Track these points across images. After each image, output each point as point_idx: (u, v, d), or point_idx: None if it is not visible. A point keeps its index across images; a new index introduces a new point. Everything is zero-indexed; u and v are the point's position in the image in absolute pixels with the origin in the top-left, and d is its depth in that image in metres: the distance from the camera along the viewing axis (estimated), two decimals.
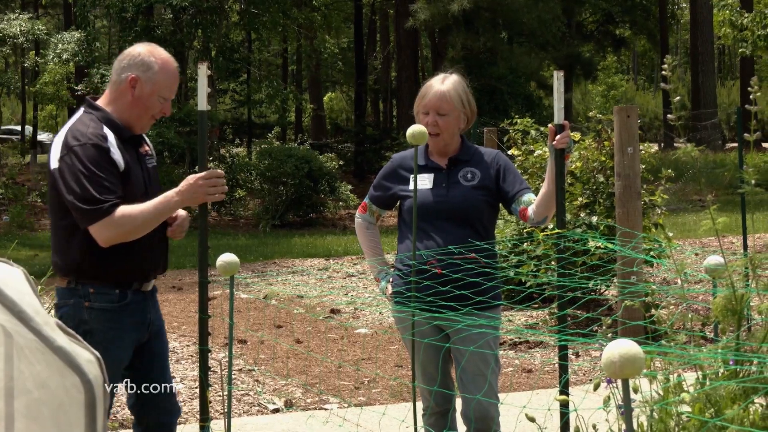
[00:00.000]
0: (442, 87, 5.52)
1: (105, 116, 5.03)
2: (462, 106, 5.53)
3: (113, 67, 5.16)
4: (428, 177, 5.53)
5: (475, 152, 5.63)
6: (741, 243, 12.94)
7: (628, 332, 7.66)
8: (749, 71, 46.38)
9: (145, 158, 5.20)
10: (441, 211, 5.43)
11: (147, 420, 5.26)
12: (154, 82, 5.03)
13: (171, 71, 5.11)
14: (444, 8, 29.57)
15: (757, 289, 3.43)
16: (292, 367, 9.65)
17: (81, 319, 4.92)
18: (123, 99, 5.05)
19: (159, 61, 5.06)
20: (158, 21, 31.84)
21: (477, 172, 5.53)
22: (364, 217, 5.86)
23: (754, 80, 3.72)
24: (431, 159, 5.59)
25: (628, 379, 2.69)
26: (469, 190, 5.47)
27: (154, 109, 5.08)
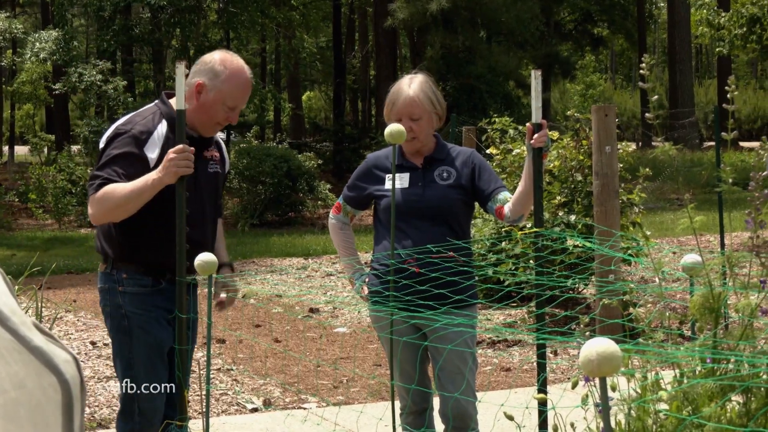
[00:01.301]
0: (411, 92, 5.49)
1: (169, 112, 5.13)
2: (433, 107, 5.53)
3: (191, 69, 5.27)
4: (404, 176, 5.52)
5: (450, 151, 5.64)
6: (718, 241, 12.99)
7: (606, 330, 7.68)
8: (726, 70, 46.58)
9: (208, 162, 5.28)
10: (417, 210, 5.43)
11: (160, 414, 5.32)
12: (219, 90, 5.08)
13: (239, 81, 5.14)
14: (422, 7, 29.58)
15: (734, 287, 3.44)
16: (271, 366, 9.64)
17: (116, 303, 5.10)
18: (190, 102, 5.11)
19: (228, 70, 5.11)
20: (136, 20, 31.79)
21: (452, 171, 5.53)
22: (338, 217, 5.86)
23: (731, 79, 3.73)
24: (406, 159, 5.58)
25: (606, 378, 2.69)
26: (445, 189, 5.48)
27: (218, 116, 5.15)
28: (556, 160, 11.30)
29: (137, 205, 4.91)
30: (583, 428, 3.69)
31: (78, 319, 12.15)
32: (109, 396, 8.55)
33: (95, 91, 27.43)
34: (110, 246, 5.16)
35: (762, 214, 3.44)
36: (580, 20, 51.52)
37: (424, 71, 5.72)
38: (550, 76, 42.64)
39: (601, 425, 2.84)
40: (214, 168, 5.34)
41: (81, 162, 27.34)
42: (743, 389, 3.15)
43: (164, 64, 33.53)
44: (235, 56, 5.24)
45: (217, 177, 5.37)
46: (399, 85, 5.59)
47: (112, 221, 5.04)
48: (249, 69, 5.25)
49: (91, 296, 14.02)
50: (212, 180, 5.32)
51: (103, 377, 9.19)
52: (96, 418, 7.94)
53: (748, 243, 3.49)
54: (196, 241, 5.13)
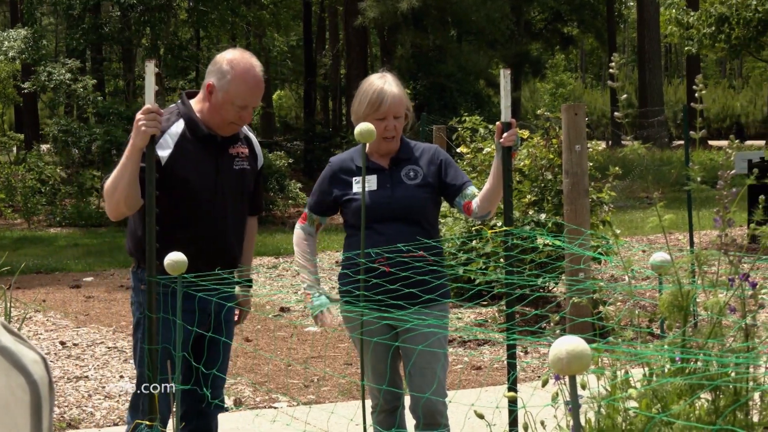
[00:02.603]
0: (394, 90, 5.45)
1: (187, 112, 5.19)
2: (407, 105, 5.54)
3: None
4: (371, 178, 5.49)
5: (414, 149, 5.61)
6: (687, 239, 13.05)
7: (576, 329, 7.70)
8: (695, 69, 46.83)
9: (233, 159, 5.28)
10: (388, 212, 5.41)
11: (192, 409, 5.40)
12: (226, 91, 5.10)
13: (247, 80, 5.13)
14: (393, 6, 29.58)
15: (703, 285, 3.45)
16: (241, 365, 9.62)
17: (139, 301, 5.20)
18: (204, 104, 5.19)
19: (234, 70, 5.12)
20: (106, 18, 31.66)
21: (419, 170, 5.52)
22: (303, 227, 5.80)
23: (699, 78, 3.75)
24: (371, 160, 5.54)
25: (576, 376, 2.70)
26: (414, 189, 5.47)
27: (230, 116, 5.17)
28: (527, 158, 11.32)
29: (129, 182, 4.94)
30: (554, 426, 3.70)
31: (47, 319, 12.10)
32: (79, 396, 8.52)
33: (64, 90, 27.29)
34: (135, 245, 5.24)
35: (730, 213, 3.45)
36: (550, 19, 51.65)
37: (389, 70, 5.68)
38: (520, 75, 42.77)
39: (571, 423, 2.84)
40: (241, 165, 5.32)
41: (50, 161, 27.21)
42: (712, 387, 3.17)
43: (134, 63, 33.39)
44: (245, 54, 5.23)
45: (244, 174, 5.35)
46: (375, 84, 5.49)
47: (123, 210, 5.07)
48: (260, 66, 5.24)
49: (61, 296, 13.97)
50: (237, 177, 5.31)
51: (73, 377, 9.15)
52: (66, 418, 7.90)
53: (716, 241, 3.51)
54: (214, 240, 5.17)
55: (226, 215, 5.26)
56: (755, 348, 3.30)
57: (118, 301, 13.37)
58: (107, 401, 8.40)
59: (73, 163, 26.76)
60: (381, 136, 5.41)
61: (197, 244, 5.10)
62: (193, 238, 5.10)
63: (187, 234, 5.08)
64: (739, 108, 65.84)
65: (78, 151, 25.93)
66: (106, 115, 26.38)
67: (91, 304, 13.34)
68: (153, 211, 4.63)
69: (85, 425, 7.80)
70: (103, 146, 24.95)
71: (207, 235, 5.17)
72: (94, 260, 17.95)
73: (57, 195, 25.49)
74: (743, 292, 3.38)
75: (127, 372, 9.28)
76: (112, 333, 11.24)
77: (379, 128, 5.38)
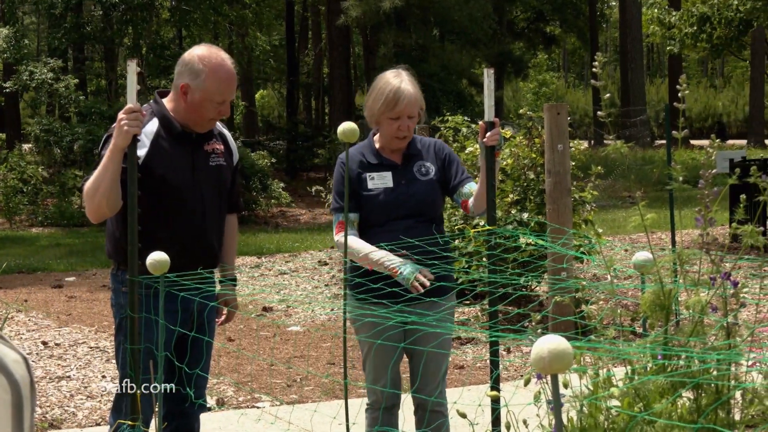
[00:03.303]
0: (410, 89, 5.40)
1: (161, 111, 5.18)
2: (421, 105, 5.51)
3: (175, 68, 5.27)
4: (386, 175, 5.47)
5: (421, 144, 5.60)
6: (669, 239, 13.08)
7: (559, 328, 7.72)
8: (677, 69, 46.98)
9: (209, 155, 5.28)
10: (404, 209, 5.40)
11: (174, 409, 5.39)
12: (203, 89, 5.09)
13: (221, 76, 5.12)
14: (376, 5, 29.59)
15: (685, 284, 3.46)
16: (224, 365, 9.61)
17: (119, 303, 5.16)
18: (179, 104, 5.17)
19: (208, 67, 5.10)
20: (88, 18, 31.60)
21: (430, 166, 5.52)
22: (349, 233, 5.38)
23: (682, 78, 3.76)
24: (384, 156, 5.52)
25: (558, 375, 2.70)
26: (426, 185, 5.47)
27: (209, 113, 5.17)
28: (509, 158, 11.34)
29: (111, 183, 4.89)
30: (536, 425, 3.71)
31: (29, 319, 12.06)
32: (61, 396, 8.50)
33: (46, 89, 27.24)
34: (114, 247, 5.21)
35: (712, 212, 3.46)
36: (533, 19, 51.75)
37: (404, 68, 5.64)
38: (502, 75, 42.81)
39: (554, 422, 2.85)
40: (217, 161, 5.32)
41: (32, 161, 27.13)
42: (694, 385, 3.18)
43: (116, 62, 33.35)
44: (213, 49, 5.21)
45: (220, 170, 5.34)
46: (392, 82, 5.43)
47: (105, 212, 5.01)
48: (229, 58, 5.23)
49: (43, 296, 13.92)
50: (214, 173, 5.30)
51: (55, 377, 9.13)
52: (48, 418, 7.88)
53: (698, 240, 3.51)
54: (193, 237, 5.16)
55: (205, 212, 5.24)
56: (737, 346, 3.31)
57: (100, 301, 13.33)
58: (89, 401, 8.38)
59: (55, 162, 26.70)
60: (394, 136, 5.41)
61: (178, 242, 5.08)
62: (173, 237, 5.09)
63: (167, 232, 5.07)
64: (720, 107, 66.07)
65: (60, 150, 25.87)
66: (88, 114, 26.33)
67: (73, 303, 13.30)
68: (135, 210, 4.62)
69: (67, 425, 7.78)
70: (85, 146, 24.90)
71: (187, 233, 5.15)
72: (76, 260, 17.91)
73: (39, 195, 25.41)
74: (725, 291, 3.39)
75: (109, 372, 9.26)
76: (94, 333, 11.21)
77: (393, 127, 5.39)
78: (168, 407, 5.35)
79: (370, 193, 5.44)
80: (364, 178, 5.48)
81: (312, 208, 28.44)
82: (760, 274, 3.51)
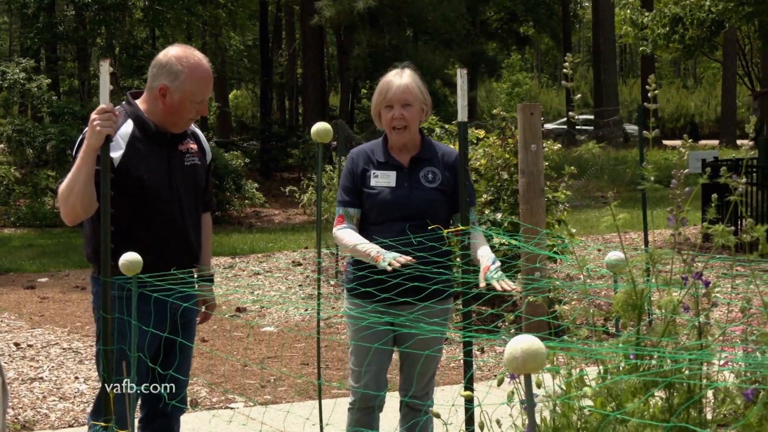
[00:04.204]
0: (403, 80, 5.43)
1: (135, 112, 5.15)
2: (423, 97, 5.49)
3: (149, 70, 5.22)
4: (390, 174, 5.46)
5: (435, 150, 5.57)
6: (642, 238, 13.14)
7: (532, 328, 7.75)
8: (650, 69, 47.14)
9: (184, 155, 5.26)
10: (403, 211, 5.39)
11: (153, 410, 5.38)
12: (183, 90, 5.07)
13: (200, 76, 5.12)
14: (349, 6, 29.60)
15: (657, 284, 3.48)
16: (197, 366, 9.58)
17: (99, 306, 5.03)
18: (156, 105, 5.14)
19: (187, 68, 5.08)
20: (60, 17, 31.48)
21: (438, 173, 5.49)
22: (345, 226, 5.50)
23: (652, 78, 3.77)
24: (392, 156, 5.51)
25: (531, 374, 2.71)
26: (430, 192, 5.44)
27: (189, 113, 5.17)
28: (483, 158, 11.35)
29: (85, 184, 4.86)
30: (509, 425, 3.72)
31: (1, 320, 12.01)
32: (34, 398, 8.47)
33: (19, 90, 27.11)
34: (93, 251, 5.14)
35: (684, 212, 3.48)
36: (506, 19, 51.88)
37: (410, 66, 5.63)
38: (476, 75, 42.89)
39: (527, 422, 2.86)
40: (192, 160, 5.30)
41: (4, 161, 27.00)
42: (666, 385, 3.19)
43: (89, 62, 33.23)
44: (189, 49, 5.19)
45: (195, 169, 5.33)
46: (387, 77, 5.50)
47: (79, 213, 4.98)
48: (204, 57, 5.22)
49: (15, 297, 13.86)
50: (190, 173, 5.29)
51: (27, 379, 9.09)
52: (20, 420, 7.85)
53: (670, 240, 3.53)
54: (174, 237, 5.15)
55: (183, 211, 5.23)
56: (708, 346, 3.33)
57: (73, 302, 13.28)
58: (62, 402, 8.35)
59: (27, 163, 26.59)
60: (390, 126, 5.42)
61: (159, 243, 5.07)
62: (153, 238, 5.08)
63: (147, 234, 5.05)
64: (693, 108, 66.39)
65: (32, 150, 25.77)
66: (61, 114, 26.23)
67: (45, 305, 13.25)
68: (108, 211, 4.60)
69: (39, 427, 7.75)
70: (57, 146, 24.80)
71: (166, 233, 5.14)
72: (48, 261, 17.83)
73: (11, 195, 25.29)
74: (696, 290, 3.40)
75: (82, 373, 9.22)
76: (67, 334, 11.17)
77: (388, 116, 5.40)
78: (148, 408, 5.34)
79: (372, 190, 5.44)
80: (368, 175, 5.48)
81: (286, 209, 28.41)
82: (731, 274, 3.53)
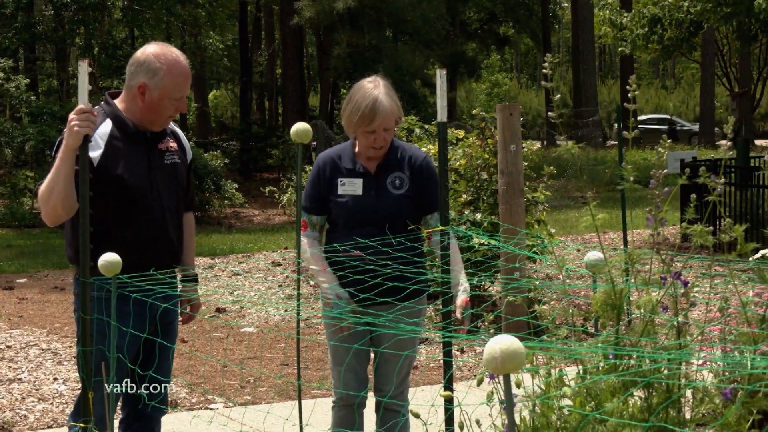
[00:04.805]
0: (386, 103, 5.31)
1: (113, 111, 5.14)
2: (398, 113, 5.44)
3: (126, 69, 5.20)
4: (357, 182, 5.44)
5: (401, 153, 5.53)
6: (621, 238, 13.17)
7: (512, 327, 7.75)
8: (629, 70, 47.27)
9: (164, 154, 5.25)
10: (370, 218, 5.38)
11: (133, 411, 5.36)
12: (162, 87, 5.06)
13: (178, 73, 5.10)
14: (329, 6, 29.58)
15: (636, 284, 3.49)
16: (177, 366, 9.56)
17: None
18: (135, 103, 5.13)
19: (165, 65, 5.07)
20: (39, 17, 31.38)
21: (405, 179, 5.46)
22: (308, 234, 5.57)
23: (632, 79, 3.78)
24: (359, 162, 5.48)
25: (510, 374, 2.72)
26: (398, 199, 5.43)
27: (168, 111, 5.16)
28: (462, 158, 11.36)
29: (65, 185, 4.84)
30: (489, 425, 3.72)
31: None
32: (12, 399, 8.43)
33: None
34: (75, 252, 5.13)
35: (662, 212, 3.49)
36: (486, 20, 51.94)
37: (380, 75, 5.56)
38: (455, 75, 42.92)
39: (506, 421, 2.86)
40: (172, 159, 5.29)
41: None
42: (645, 384, 3.20)
43: (68, 62, 33.13)
44: (166, 47, 5.17)
45: (176, 168, 5.31)
46: (369, 94, 5.34)
47: (60, 214, 4.97)
48: (182, 54, 5.20)
49: None
50: (170, 171, 5.27)
51: (6, 380, 9.06)
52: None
53: (649, 240, 3.54)
54: (155, 236, 5.14)
55: (164, 210, 5.22)
56: (687, 346, 3.34)
57: (52, 303, 13.24)
58: (41, 404, 8.32)
59: (6, 163, 26.49)
60: (370, 146, 5.36)
61: (139, 242, 5.06)
62: (134, 237, 5.06)
63: (128, 233, 5.04)
64: (671, 108, 66.56)
65: (11, 151, 25.67)
66: (40, 114, 26.13)
67: (24, 305, 13.20)
68: (87, 212, 4.58)
69: (18, 428, 7.72)
70: (36, 146, 24.70)
71: (147, 233, 5.13)
72: (27, 261, 17.77)
73: None
74: (675, 290, 3.41)
75: (61, 374, 9.19)
76: (46, 335, 11.13)
77: (369, 139, 5.33)
78: (129, 410, 5.33)
79: (340, 199, 5.44)
80: (335, 183, 5.46)
81: (265, 209, 28.38)
82: (710, 273, 3.54)
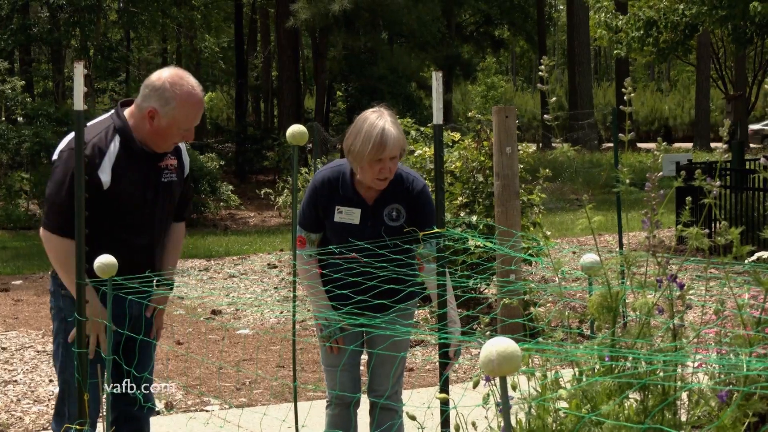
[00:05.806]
0: (394, 132, 5.26)
1: (123, 127, 5.10)
2: (403, 144, 5.40)
3: (141, 88, 5.15)
4: (355, 212, 5.41)
5: (399, 184, 5.48)
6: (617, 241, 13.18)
7: (507, 330, 7.76)
8: (624, 72, 47.32)
9: (162, 171, 5.22)
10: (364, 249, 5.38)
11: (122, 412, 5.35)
12: (172, 117, 5.02)
13: (191, 105, 5.05)
14: (325, 8, 29.56)
15: (632, 286, 3.49)
16: (173, 368, 9.56)
17: (58, 306, 5.18)
18: (143, 125, 5.08)
19: (179, 96, 5.00)
20: (34, 19, 31.36)
21: (402, 210, 5.45)
22: (303, 251, 5.55)
23: (627, 81, 3.79)
24: (358, 192, 5.44)
25: (506, 377, 2.72)
26: (393, 230, 5.43)
27: (174, 138, 5.13)
28: (458, 161, 11.36)
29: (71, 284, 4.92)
30: (485, 427, 3.72)
31: None
32: (7, 401, 8.43)
33: None
34: None
35: (658, 215, 3.49)
36: (481, 22, 51.97)
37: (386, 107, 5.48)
38: (451, 78, 42.94)
39: (502, 424, 2.86)
40: (169, 177, 5.26)
41: None
42: (640, 387, 3.20)
43: (63, 64, 33.10)
44: (183, 74, 5.10)
45: (171, 185, 5.29)
46: (376, 124, 5.28)
47: None
48: (198, 84, 5.13)
49: None
50: (165, 189, 5.25)
51: (1, 382, 9.05)
52: None
53: (644, 243, 3.54)
54: (142, 246, 5.17)
55: (153, 227, 5.22)
56: (683, 348, 3.34)
57: (48, 305, 13.21)
58: (36, 405, 8.32)
59: (1, 165, 26.46)
60: (375, 177, 5.30)
61: (121, 256, 5.01)
62: (117, 250, 5.00)
63: (112, 244, 4.97)
64: (667, 111, 66.60)
65: (6, 153, 25.64)
66: (35, 116, 26.12)
67: (20, 307, 13.20)
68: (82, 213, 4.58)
69: (13, 430, 7.72)
70: (32, 148, 24.68)
71: (131, 248, 5.10)
72: (23, 263, 17.75)
73: None
74: (671, 293, 3.42)
75: (56, 376, 9.19)
76: (41, 337, 11.13)
77: (375, 168, 5.26)
78: (116, 412, 5.33)
79: (335, 224, 5.43)
80: (332, 209, 5.44)
81: (261, 211, 28.36)
82: (705, 276, 3.55)
